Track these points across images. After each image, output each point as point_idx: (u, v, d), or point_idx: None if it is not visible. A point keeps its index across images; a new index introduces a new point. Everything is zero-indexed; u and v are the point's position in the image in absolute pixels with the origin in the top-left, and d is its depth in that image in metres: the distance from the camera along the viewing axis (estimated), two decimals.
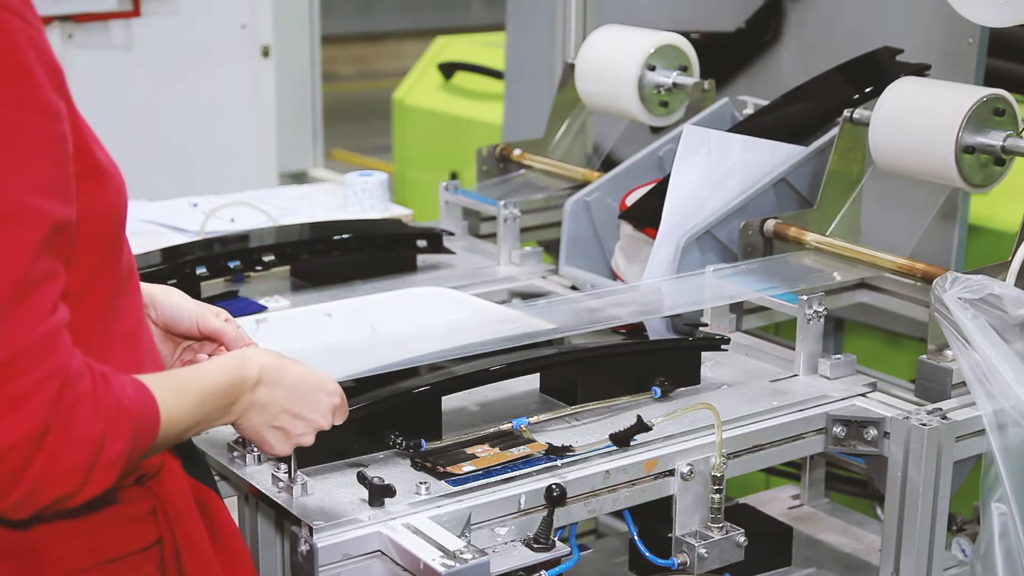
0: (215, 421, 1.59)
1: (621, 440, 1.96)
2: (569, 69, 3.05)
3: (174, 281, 2.48)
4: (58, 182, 1.40)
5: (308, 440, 1.69)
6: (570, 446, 1.94)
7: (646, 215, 2.57)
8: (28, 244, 1.36)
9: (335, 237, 2.70)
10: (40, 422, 1.35)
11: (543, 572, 1.79)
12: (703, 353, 2.24)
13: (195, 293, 2.53)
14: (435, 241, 2.79)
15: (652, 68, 2.88)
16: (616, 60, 2.91)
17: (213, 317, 1.83)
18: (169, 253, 2.60)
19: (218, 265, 2.57)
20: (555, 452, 1.93)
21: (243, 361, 1.62)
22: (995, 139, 2.26)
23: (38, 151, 1.38)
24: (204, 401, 1.55)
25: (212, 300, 2.52)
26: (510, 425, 2.00)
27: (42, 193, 1.38)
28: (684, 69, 2.91)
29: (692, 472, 1.96)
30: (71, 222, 1.43)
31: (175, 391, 1.52)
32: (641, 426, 1.97)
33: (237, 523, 1.86)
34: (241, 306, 2.50)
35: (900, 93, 2.37)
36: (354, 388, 1.90)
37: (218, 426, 1.62)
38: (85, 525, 1.53)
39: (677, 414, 2.02)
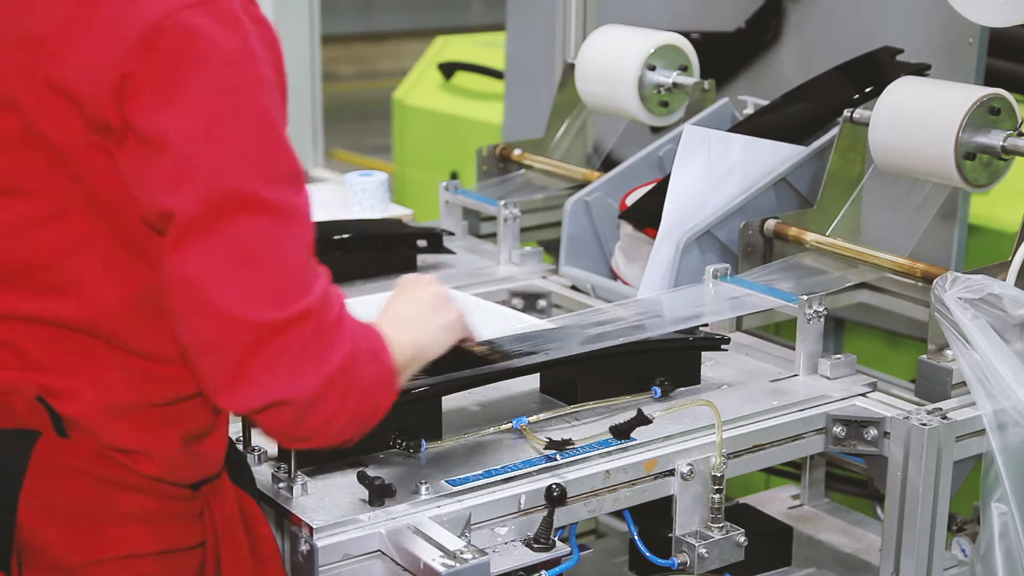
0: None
1: (621, 432, 1.97)
2: (569, 69, 3.05)
3: None
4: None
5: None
6: (570, 439, 1.95)
7: (646, 215, 2.57)
8: (309, 196, 1.58)
9: (335, 237, 2.70)
10: (351, 339, 1.56)
11: (543, 572, 1.79)
12: (703, 353, 2.24)
13: None
14: (435, 241, 2.79)
15: (652, 68, 2.88)
16: (616, 60, 2.90)
17: None
18: None
19: None
20: (555, 446, 1.93)
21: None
22: (995, 139, 2.26)
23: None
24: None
25: None
26: (510, 424, 2.00)
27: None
28: (684, 69, 2.90)
29: (692, 472, 1.96)
30: None
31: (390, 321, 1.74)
32: (641, 419, 1.97)
33: None
34: None
35: (900, 93, 2.37)
36: None
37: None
38: (147, 513, 1.60)
39: (675, 408, 2.02)
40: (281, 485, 1.80)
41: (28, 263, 1.56)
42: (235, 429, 1.87)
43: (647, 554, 2.02)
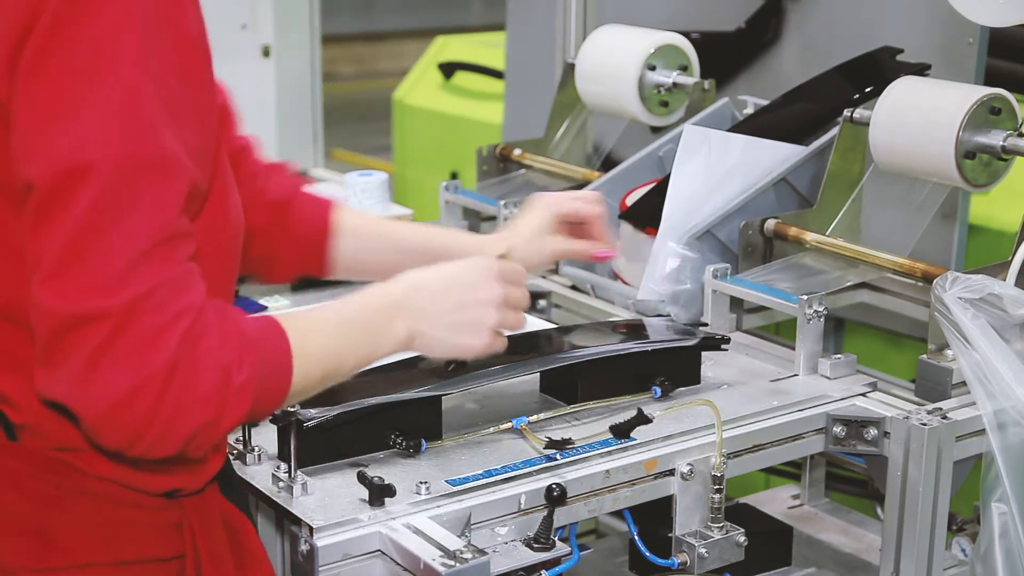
0: (379, 348, 1.67)
1: (621, 432, 1.97)
2: (569, 69, 3.05)
3: None
4: (202, 150, 1.49)
5: (508, 321, 1.77)
6: (570, 439, 1.95)
7: (646, 215, 2.57)
8: (178, 195, 1.44)
9: None
10: (172, 355, 1.40)
11: (543, 572, 1.79)
12: (703, 353, 2.24)
13: None
14: None
15: (652, 68, 2.88)
16: (616, 60, 2.90)
17: (570, 201, 2.11)
18: None
19: None
20: (555, 446, 1.93)
21: (383, 284, 1.67)
22: (995, 139, 2.26)
23: (193, 118, 1.47)
24: (348, 327, 1.63)
25: None
26: (510, 424, 2.00)
27: (189, 154, 1.45)
28: (684, 69, 2.91)
29: (692, 472, 1.96)
30: (201, 191, 1.51)
31: (311, 322, 1.60)
32: (641, 418, 1.97)
33: None
34: (241, 306, 2.50)
35: (900, 93, 2.37)
36: (354, 389, 1.90)
37: (390, 353, 1.69)
38: (104, 520, 1.55)
39: (675, 408, 2.02)
40: (281, 485, 1.80)
41: None
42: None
43: (647, 554, 2.01)
